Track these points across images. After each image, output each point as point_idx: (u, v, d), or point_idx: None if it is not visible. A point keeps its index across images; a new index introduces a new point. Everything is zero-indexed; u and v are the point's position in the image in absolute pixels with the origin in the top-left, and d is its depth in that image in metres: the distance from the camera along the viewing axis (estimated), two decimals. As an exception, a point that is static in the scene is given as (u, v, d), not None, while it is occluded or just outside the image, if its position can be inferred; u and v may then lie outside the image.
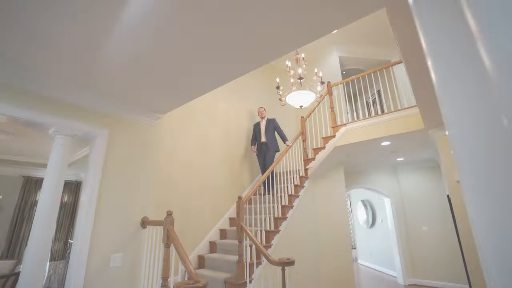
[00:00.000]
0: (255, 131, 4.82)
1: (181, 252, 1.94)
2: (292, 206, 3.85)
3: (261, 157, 4.63)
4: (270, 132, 4.67)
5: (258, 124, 4.83)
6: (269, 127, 4.69)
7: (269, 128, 4.68)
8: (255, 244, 2.63)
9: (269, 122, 4.75)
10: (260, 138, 4.66)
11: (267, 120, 4.78)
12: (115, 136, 2.48)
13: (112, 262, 2.23)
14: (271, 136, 4.65)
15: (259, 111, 4.88)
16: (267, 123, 4.73)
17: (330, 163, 4.60)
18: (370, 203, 7.17)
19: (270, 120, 4.78)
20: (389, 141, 4.10)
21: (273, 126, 4.70)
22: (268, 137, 4.63)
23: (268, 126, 4.70)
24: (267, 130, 4.67)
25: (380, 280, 5.70)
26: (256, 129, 4.81)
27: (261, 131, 4.70)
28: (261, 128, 4.72)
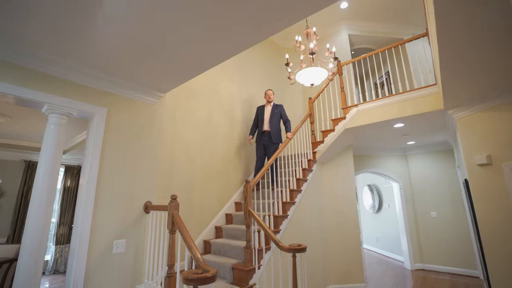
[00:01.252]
0: (257, 116, 4.21)
1: (187, 238, 1.81)
2: (300, 191, 3.71)
3: (261, 149, 4.01)
4: (275, 120, 4.05)
5: (262, 109, 4.19)
6: (274, 115, 4.08)
7: (274, 116, 4.07)
8: (264, 229, 2.51)
9: (275, 108, 4.15)
10: (263, 126, 4.05)
11: (274, 105, 4.18)
12: (115, 115, 2.31)
13: (115, 248, 2.12)
14: (275, 125, 4.03)
15: (266, 93, 4.24)
16: (273, 109, 4.14)
17: (339, 146, 4.42)
18: (377, 188, 7.04)
19: (277, 106, 4.19)
20: (403, 123, 3.89)
21: (279, 113, 4.13)
22: (273, 126, 4.00)
23: (273, 113, 4.10)
24: (272, 117, 4.05)
25: (386, 265, 5.67)
26: (259, 114, 4.18)
27: (264, 117, 4.08)
28: (265, 114, 4.10)
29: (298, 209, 3.59)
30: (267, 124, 4.05)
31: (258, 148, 4.05)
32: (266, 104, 4.23)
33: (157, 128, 2.62)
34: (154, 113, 2.62)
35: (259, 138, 4.07)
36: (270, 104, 4.21)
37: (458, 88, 2.56)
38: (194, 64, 2.14)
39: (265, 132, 4.02)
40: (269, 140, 3.97)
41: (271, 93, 4.25)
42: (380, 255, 6.63)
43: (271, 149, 3.92)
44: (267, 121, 4.07)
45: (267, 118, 4.09)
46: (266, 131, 4.02)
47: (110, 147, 2.23)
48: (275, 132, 4.00)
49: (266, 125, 4.05)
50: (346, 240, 4.23)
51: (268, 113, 4.13)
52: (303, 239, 3.59)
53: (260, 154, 4.02)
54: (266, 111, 4.15)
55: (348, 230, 4.27)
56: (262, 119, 4.10)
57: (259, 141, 4.06)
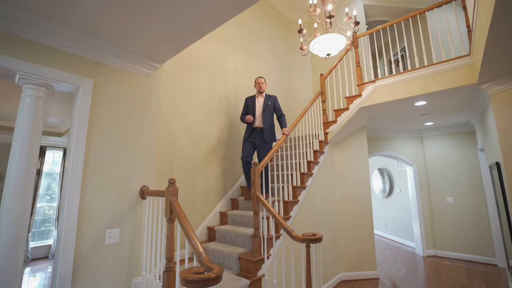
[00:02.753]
0: (247, 108, 3.44)
1: (188, 229, 1.55)
2: (311, 174, 3.43)
3: (248, 148, 3.25)
4: (268, 114, 3.33)
5: (253, 101, 3.43)
6: (267, 108, 3.34)
7: (267, 109, 3.34)
8: (274, 217, 2.25)
9: (268, 100, 3.40)
10: (253, 121, 3.32)
11: (266, 96, 3.43)
12: (103, 88, 2.00)
13: (107, 238, 1.88)
14: (269, 121, 3.31)
15: (257, 82, 3.43)
16: (265, 100, 3.40)
17: (352, 126, 4.08)
18: (387, 171, 6.75)
19: (270, 97, 3.44)
20: (425, 101, 3.51)
21: (272, 106, 3.40)
22: (266, 121, 3.29)
23: (266, 106, 3.35)
24: (265, 111, 3.32)
25: (396, 251, 5.48)
26: (250, 106, 3.42)
27: (256, 111, 3.36)
28: (257, 107, 3.38)
29: (309, 194, 3.32)
30: (259, 119, 3.34)
31: (246, 147, 3.26)
32: (257, 95, 3.47)
33: (154, 104, 2.31)
34: (149, 87, 2.30)
35: (248, 136, 3.31)
36: (261, 95, 3.46)
37: (504, 58, 2.17)
38: (191, 27, 1.79)
39: (256, 129, 3.32)
40: (261, 139, 3.27)
41: (262, 82, 3.44)
42: (389, 241, 6.45)
43: (264, 150, 3.21)
44: (259, 116, 3.35)
45: (259, 112, 3.36)
46: (258, 127, 3.32)
47: (99, 125, 1.94)
48: (268, 128, 3.29)
49: (257, 121, 3.34)
50: (358, 226, 4.00)
51: (260, 106, 3.39)
52: (314, 226, 3.36)
53: (247, 152, 3.22)
54: (258, 103, 3.41)
55: (360, 216, 4.03)
56: (253, 114, 3.37)
57: (247, 139, 3.30)
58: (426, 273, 4.13)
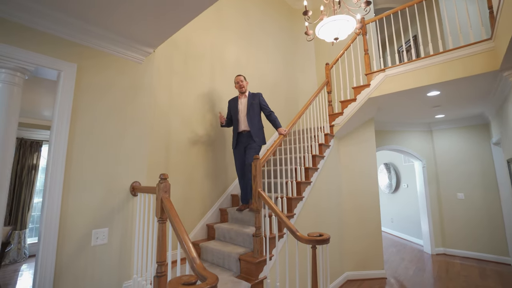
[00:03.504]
0: (232, 111, 3.09)
1: (180, 230, 1.37)
2: (316, 169, 3.23)
3: (240, 154, 2.96)
4: (254, 115, 2.95)
5: (235, 103, 3.06)
6: (252, 108, 2.96)
7: (252, 109, 2.95)
8: (277, 215, 2.07)
9: (252, 99, 3.00)
10: (238, 125, 2.97)
11: (250, 95, 3.03)
12: (89, 75, 1.81)
13: (94, 239, 1.71)
14: (256, 122, 2.95)
15: (237, 81, 3.02)
16: (249, 100, 3.00)
17: (360, 118, 3.87)
18: (394, 166, 6.53)
19: (254, 95, 3.03)
20: (439, 91, 3.28)
21: (258, 105, 3.00)
22: (253, 124, 2.91)
23: (251, 106, 2.96)
24: (250, 112, 2.94)
25: (403, 248, 5.30)
26: (232, 110, 3.07)
27: (239, 113, 2.99)
28: (240, 109, 3.00)
29: (314, 190, 3.14)
30: (244, 123, 2.94)
31: (237, 154, 2.98)
32: (240, 96, 3.07)
33: (146, 93, 2.12)
34: (141, 74, 2.11)
35: (236, 142, 2.99)
36: (244, 95, 3.06)
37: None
38: (185, 3, 1.59)
39: (243, 134, 2.96)
40: (249, 141, 2.92)
41: (242, 80, 3.03)
42: (395, 237, 6.27)
43: (251, 151, 2.84)
44: (243, 119, 2.95)
45: (243, 114, 2.97)
46: (244, 131, 2.95)
47: (84, 115, 1.76)
48: (256, 131, 2.92)
49: (243, 124, 2.95)
50: (365, 223, 3.82)
51: (243, 107, 3.00)
52: (319, 223, 3.18)
53: (241, 162, 2.94)
54: (241, 104, 3.02)
55: (367, 212, 3.84)
56: (236, 117, 3.00)
57: (236, 146, 2.99)
58: (436, 272, 3.95)
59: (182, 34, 3.05)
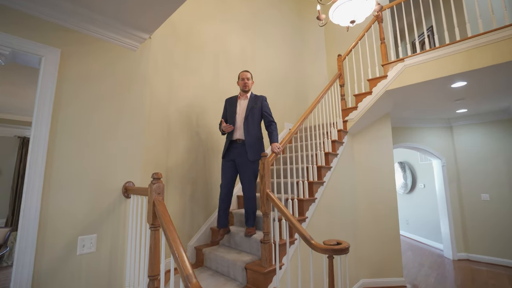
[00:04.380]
0: (228, 113, 2.58)
1: (173, 240, 1.14)
2: (329, 167, 2.97)
3: (229, 168, 2.44)
4: (253, 121, 2.45)
5: (234, 102, 2.57)
6: (252, 113, 2.46)
7: (252, 115, 2.46)
8: (288, 219, 1.83)
9: (253, 102, 2.51)
10: (233, 132, 2.46)
11: (252, 97, 2.54)
12: (75, 61, 1.60)
13: (80, 247, 1.51)
14: (254, 131, 2.44)
15: (241, 76, 2.57)
16: (250, 103, 2.51)
17: (375, 113, 3.58)
18: (410, 165, 6.18)
19: (257, 98, 2.54)
20: (466, 81, 2.97)
21: (259, 111, 2.50)
22: (249, 132, 2.41)
23: (250, 110, 2.47)
24: (249, 118, 2.45)
25: (421, 252, 4.97)
26: (230, 110, 2.55)
27: (236, 117, 2.49)
28: (238, 112, 2.51)
29: (327, 191, 2.88)
30: (240, 129, 2.44)
31: (226, 166, 2.45)
32: (240, 95, 2.58)
33: (140, 83, 1.91)
34: (135, 62, 1.90)
35: (226, 151, 2.48)
36: (246, 95, 2.56)
37: None
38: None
39: (237, 143, 2.43)
40: (243, 157, 2.38)
41: (248, 77, 2.54)
42: (411, 240, 5.93)
43: (246, 170, 2.36)
44: (240, 124, 2.45)
45: (241, 118, 2.47)
46: (239, 140, 2.43)
47: (69, 107, 1.56)
48: (252, 142, 2.39)
49: (238, 131, 2.45)
50: (382, 226, 3.53)
51: (242, 110, 2.50)
52: (333, 227, 2.91)
53: (228, 177, 2.42)
54: (240, 106, 2.53)
55: (384, 214, 3.55)
56: (232, 121, 2.48)
57: (225, 156, 2.48)
58: (460, 280, 3.62)
59: (184, 24, 2.83)
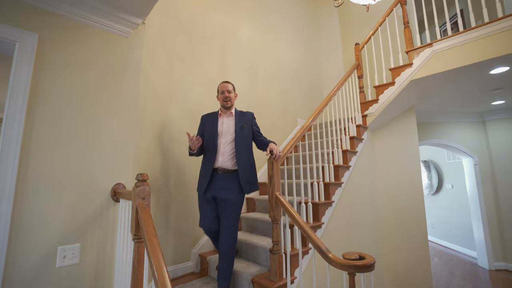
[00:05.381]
0: (206, 134, 1.97)
1: (155, 257, 0.91)
2: (348, 167, 2.67)
3: (209, 206, 1.87)
4: (245, 143, 1.93)
5: (214, 121, 1.98)
6: (242, 134, 1.93)
7: (243, 136, 1.92)
8: (300, 227, 1.56)
9: (241, 120, 1.97)
10: (215, 158, 1.87)
11: (238, 115, 2.00)
12: (55, 48, 1.42)
13: (60, 258, 1.32)
14: (246, 156, 1.91)
15: (221, 88, 1.98)
16: (238, 122, 1.95)
17: (398, 106, 3.23)
18: (435, 164, 5.71)
19: (243, 115, 2.01)
20: (508, 65, 2.57)
21: (250, 131, 1.99)
22: (241, 157, 1.88)
23: (241, 130, 1.92)
24: (239, 139, 1.90)
25: (449, 259, 4.52)
26: (210, 131, 1.95)
27: (218, 139, 1.91)
28: (222, 134, 1.93)
29: (345, 193, 2.58)
30: (225, 155, 1.87)
31: (204, 207, 1.88)
32: (221, 113, 2.01)
33: (132, 74, 1.71)
34: (128, 50, 1.70)
35: (207, 185, 1.84)
36: (229, 112, 2.00)
37: None
38: None
39: (220, 174, 1.85)
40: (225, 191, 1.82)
41: (230, 90, 1.98)
42: (438, 246, 5.45)
43: (230, 212, 1.80)
44: (224, 148, 1.88)
45: (226, 141, 1.90)
46: (223, 170, 1.85)
47: (48, 99, 1.37)
48: (246, 169, 1.88)
49: (221, 157, 1.86)
50: (407, 231, 3.16)
51: (227, 131, 1.92)
52: (352, 234, 2.61)
53: (210, 221, 1.86)
54: (223, 125, 1.95)
55: (410, 218, 3.18)
56: (213, 145, 1.89)
57: (205, 192, 1.85)
58: (500, 294, 3.19)
59: (186, 14, 2.63)
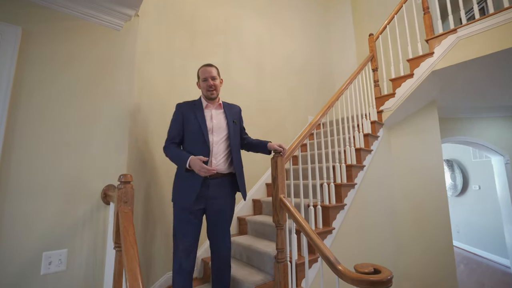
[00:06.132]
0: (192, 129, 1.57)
1: (129, 270, 0.79)
2: (362, 167, 2.46)
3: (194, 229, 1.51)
4: (237, 142, 1.69)
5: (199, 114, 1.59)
6: (235, 131, 1.68)
7: (235, 133, 1.67)
8: (307, 235, 1.40)
9: (231, 114, 1.70)
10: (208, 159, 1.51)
11: (226, 107, 1.71)
12: (40, 42, 1.34)
13: (46, 266, 1.23)
14: (239, 158, 1.67)
15: (204, 74, 1.61)
16: (228, 115, 1.67)
17: (418, 100, 2.97)
18: (459, 163, 5.32)
19: (231, 108, 1.74)
20: (546, 51, 2.27)
21: (239, 127, 1.75)
22: (237, 159, 1.64)
23: (233, 126, 1.66)
24: (232, 137, 1.63)
25: (476, 266, 4.16)
26: (195, 127, 1.56)
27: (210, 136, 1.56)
28: (212, 129, 1.58)
29: (359, 195, 2.37)
30: (218, 157, 1.56)
31: (186, 218, 1.50)
32: (208, 105, 1.65)
33: (125, 69, 1.61)
34: (120, 43, 1.61)
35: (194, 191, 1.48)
36: (216, 103, 1.67)
37: None
38: None
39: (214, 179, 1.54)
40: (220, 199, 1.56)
41: (214, 75, 1.62)
42: (463, 251, 5.06)
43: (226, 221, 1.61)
44: (218, 149, 1.57)
45: (219, 140, 1.59)
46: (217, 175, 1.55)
47: (32, 95, 1.30)
48: (241, 173, 1.65)
49: (216, 158, 1.56)
50: (429, 237, 2.90)
51: (219, 126, 1.61)
52: (366, 240, 2.40)
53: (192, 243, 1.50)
54: (213, 121, 1.61)
55: (432, 223, 2.91)
56: (204, 144, 1.53)
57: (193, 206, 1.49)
58: (538, 308, 2.86)
59: (187, 7, 2.53)
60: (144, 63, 1.85)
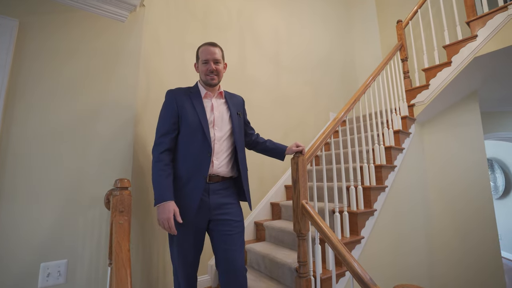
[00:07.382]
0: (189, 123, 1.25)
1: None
2: (393, 167, 2.20)
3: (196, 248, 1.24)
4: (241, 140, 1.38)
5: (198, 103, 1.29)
6: (239, 124, 1.38)
7: (240, 127, 1.37)
8: (334, 248, 1.19)
9: (234, 104, 1.40)
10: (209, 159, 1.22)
11: (228, 97, 1.40)
12: (39, 36, 1.25)
13: (43, 278, 1.13)
14: (244, 157, 1.37)
15: (203, 55, 1.30)
16: (231, 106, 1.37)
17: (456, 92, 2.64)
18: (501, 163, 4.80)
19: (233, 98, 1.43)
20: None
21: (242, 120, 1.44)
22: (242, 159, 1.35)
23: (237, 119, 1.36)
24: (237, 132, 1.34)
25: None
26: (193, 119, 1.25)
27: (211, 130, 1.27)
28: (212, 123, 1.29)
29: (390, 199, 2.11)
30: (221, 155, 1.28)
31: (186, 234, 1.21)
32: (208, 92, 1.33)
33: (130, 64, 1.49)
34: (125, 36, 1.49)
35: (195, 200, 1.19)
36: (217, 92, 1.37)
37: None
38: None
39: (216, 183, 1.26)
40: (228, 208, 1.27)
41: (218, 58, 1.31)
42: (508, 261, 4.54)
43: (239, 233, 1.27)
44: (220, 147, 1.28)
45: (222, 135, 1.30)
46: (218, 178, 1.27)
47: (29, 92, 1.20)
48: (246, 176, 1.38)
49: (218, 159, 1.27)
50: (471, 247, 2.56)
51: (221, 118, 1.32)
52: (399, 249, 2.13)
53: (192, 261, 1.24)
54: (214, 111, 1.31)
55: (475, 230, 2.57)
56: (205, 140, 1.23)
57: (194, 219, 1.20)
58: None
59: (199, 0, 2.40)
60: (152, 57, 1.73)
